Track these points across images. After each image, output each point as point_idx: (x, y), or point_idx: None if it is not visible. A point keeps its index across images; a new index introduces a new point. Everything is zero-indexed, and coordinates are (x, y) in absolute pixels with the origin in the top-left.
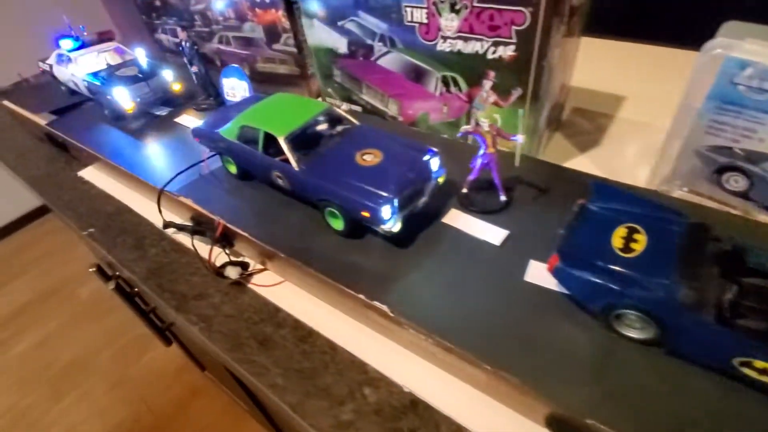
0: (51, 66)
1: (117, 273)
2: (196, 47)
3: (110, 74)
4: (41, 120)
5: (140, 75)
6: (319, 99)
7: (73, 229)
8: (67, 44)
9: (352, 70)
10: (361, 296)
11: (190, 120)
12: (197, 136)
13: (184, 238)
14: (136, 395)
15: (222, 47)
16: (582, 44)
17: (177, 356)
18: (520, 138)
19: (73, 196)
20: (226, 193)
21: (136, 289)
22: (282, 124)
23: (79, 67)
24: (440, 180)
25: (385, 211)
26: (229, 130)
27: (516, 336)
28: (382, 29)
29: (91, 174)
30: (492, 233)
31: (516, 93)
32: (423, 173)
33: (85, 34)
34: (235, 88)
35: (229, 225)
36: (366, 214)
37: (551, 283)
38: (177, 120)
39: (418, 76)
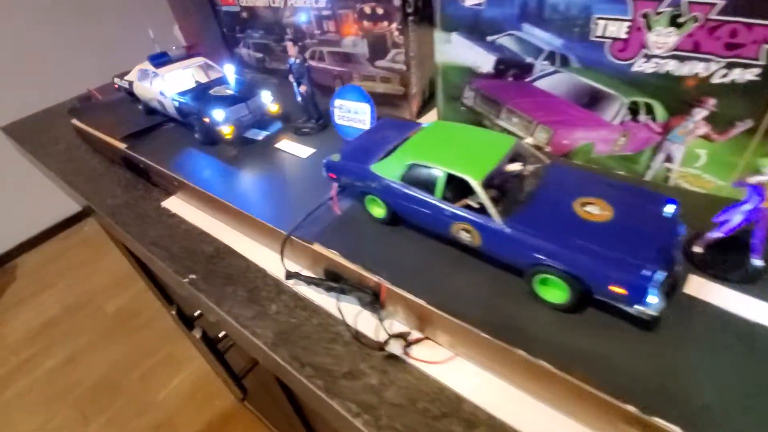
0: (130, 83)
1: (199, 313)
2: (306, 64)
3: (204, 94)
4: (120, 143)
5: (238, 95)
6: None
7: (168, 274)
8: (154, 60)
9: (492, 91)
10: (630, 408)
11: (292, 146)
12: (333, 171)
13: (306, 291)
14: (166, 420)
15: (313, 63)
16: None
17: (208, 381)
18: None
19: (161, 232)
20: (371, 242)
21: (220, 335)
22: (470, 163)
23: (168, 85)
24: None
25: (651, 287)
26: (386, 168)
27: None
28: (553, 45)
29: (177, 205)
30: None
31: (742, 125)
32: (671, 232)
33: (173, 48)
34: (352, 110)
35: (393, 287)
36: (619, 289)
37: None
38: (278, 146)
39: (592, 101)
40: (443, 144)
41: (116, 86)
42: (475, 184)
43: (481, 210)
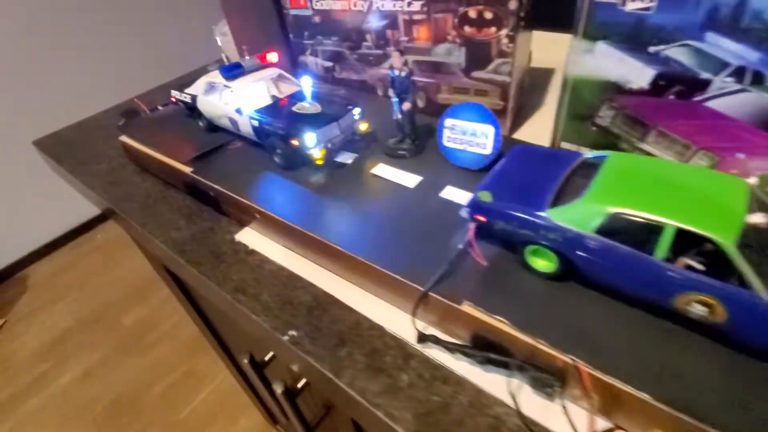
0: (193, 97)
1: (271, 356)
2: (412, 77)
3: (287, 111)
4: (185, 167)
5: (327, 113)
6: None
7: (265, 331)
8: (226, 72)
9: (641, 110)
10: None
11: (391, 172)
12: (483, 213)
13: (439, 355)
14: None
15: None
16: None
17: (232, 398)
18: None
19: (243, 274)
20: (538, 304)
21: (299, 386)
22: (707, 215)
23: (244, 101)
24: None
25: None
26: (570, 215)
27: None
28: (746, 59)
29: (253, 239)
30: None
31: None
32: None
33: (246, 57)
34: (468, 132)
35: (603, 377)
36: None
37: None
38: (374, 172)
39: None
40: (648, 185)
41: (173, 100)
42: (728, 247)
43: (730, 279)
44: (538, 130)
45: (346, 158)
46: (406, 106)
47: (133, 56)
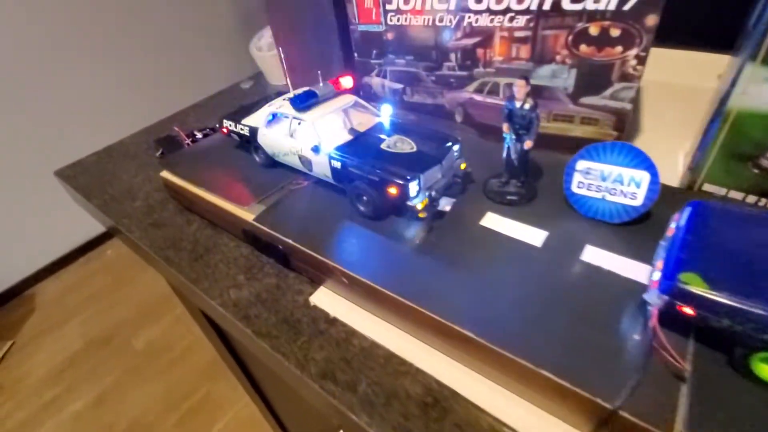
0: (253, 129)
1: None
2: (537, 111)
3: (379, 151)
4: (247, 214)
5: (425, 152)
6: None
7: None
8: (299, 102)
9: None
10: None
11: (506, 225)
12: (697, 306)
13: None
14: None
15: (477, 97)
16: None
17: (253, 426)
18: None
19: (328, 352)
20: None
21: None
22: None
23: (320, 137)
24: None
25: None
26: None
27: None
28: None
29: (333, 304)
30: None
31: None
32: None
33: (320, 84)
34: (610, 178)
35: None
36: None
37: None
38: (484, 223)
39: None
40: None
41: (225, 131)
42: None
43: None
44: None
45: (444, 204)
46: (528, 145)
47: (159, 74)
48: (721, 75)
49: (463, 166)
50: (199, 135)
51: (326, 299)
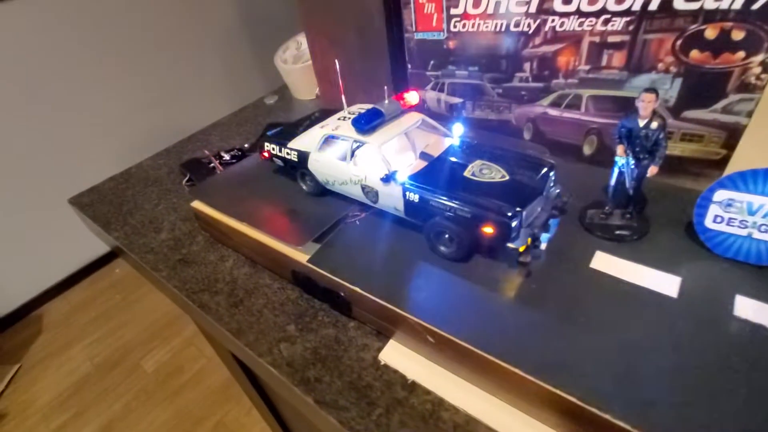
0: (303, 153)
1: None
2: (666, 131)
3: (463, 180)
4: (301, 255)
5: (521, 181)
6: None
7: None
8: (363, 123)
9: None
10: None
11: (623, 268)
12: None
13: None
14: None
15: (552, 112)
16: None
17: None
18: None
19: (412, 428)
20: None
21: None
22: None
23: (391, 164)
24: None
25: None
26: None
27: None
28: None
29: (409, 364)
30: None
31: None
32: None
33: (386, 102)
34: (760, 212)
35: None
36: None
37: None
38: (594, 266)
39: None
40: None
41: (265, 155)
42: None
43: None
44: None
45: (542, 242)
46: (653, 171)
47: (177, 92)
48: None
49: (563, 197)
50: (226, 156)
51: (398, 357)
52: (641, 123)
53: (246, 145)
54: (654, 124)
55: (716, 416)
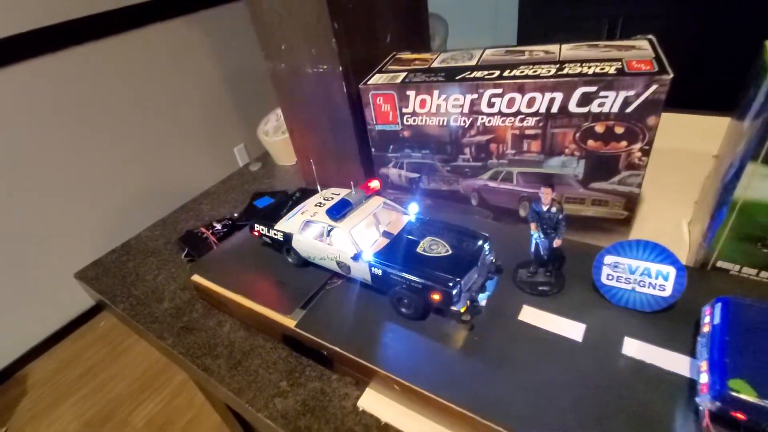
0: (286, 235)
1: None
2: (564, 214)
3: (416, 255)
4: (289, 320)
5: (461, 255)
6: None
7: None
8: (335, 212)
9: None
10: None
11: (545, 319)
12: (748, 413)
13: None
14: None
15: (492, 184)
16: None
17: None
18: None
19: None
20: None
21: None
22: None
23: (359, 243)
24: None
25: None
26: None
27: None
28: None
29: (383, 409)
30: None
31: None
32: None
33: (352, 192)
34: (637, 272)
35: None
36: None
37: None
38: (523, 318)
39: None
40: None
41: (256, 234)
42: None
43: None
44: (662, 237)
45: (482, 300)
46: (557, 243)
47: (167, 164)
48: (717, 156)
49: (493, 260)
50: (218, 226)
51: (374, 402)
52: (545, 208)
53: (235, 215)
54: (554, 209)
55: None
